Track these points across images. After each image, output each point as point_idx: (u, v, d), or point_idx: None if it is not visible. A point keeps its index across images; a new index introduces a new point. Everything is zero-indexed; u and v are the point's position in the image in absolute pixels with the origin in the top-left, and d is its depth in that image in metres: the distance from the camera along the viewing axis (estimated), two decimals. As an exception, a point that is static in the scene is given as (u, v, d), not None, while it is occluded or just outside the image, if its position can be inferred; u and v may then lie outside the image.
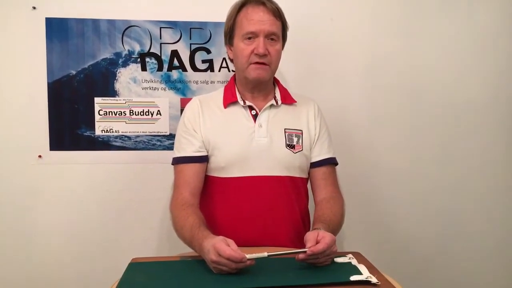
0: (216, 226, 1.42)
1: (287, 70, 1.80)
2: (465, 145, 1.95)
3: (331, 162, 1.51)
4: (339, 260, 1.23)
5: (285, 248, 1.34)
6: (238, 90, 1.50)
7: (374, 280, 1.09)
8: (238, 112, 1.47)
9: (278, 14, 1.43)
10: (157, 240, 1.86)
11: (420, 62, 1.91)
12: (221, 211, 1.44)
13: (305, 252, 1.14)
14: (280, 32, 1.44)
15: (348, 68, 1.89)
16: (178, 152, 1.46)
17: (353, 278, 1.10)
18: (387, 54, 1.89)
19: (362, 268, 1.17)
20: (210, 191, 1.46)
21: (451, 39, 1.91)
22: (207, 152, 1.45)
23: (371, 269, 1.17)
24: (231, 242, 1.15)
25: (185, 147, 1.45)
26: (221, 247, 1.11)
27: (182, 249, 1.38)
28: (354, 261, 1.22)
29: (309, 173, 1.52)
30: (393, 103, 1.91)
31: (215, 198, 1.45)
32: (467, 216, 1.98)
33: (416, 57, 1.90)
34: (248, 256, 1.12)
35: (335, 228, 1.36)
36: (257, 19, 1.40)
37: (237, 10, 1.45)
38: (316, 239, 1.17)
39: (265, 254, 1.14)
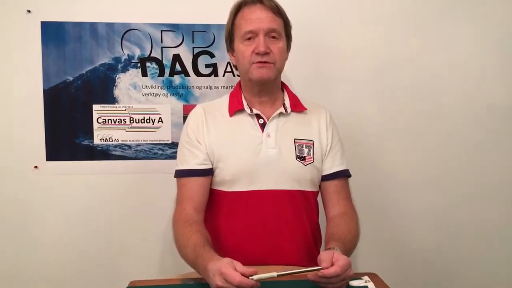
0: (221, 244, 1.33)
1: (293, 74, 1.70)
2: (485, 153, 1.85)
3: (344, 175, 1.42)
4: (354, 283, 1.13)
5: (295, 267, 1.25)
6: (245, 97, 1.41)
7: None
8: (245, 121, 1.38)
9: (277, 11, 1.34)
10: (159, 254, 1.77)
11: (435, 64, 1.81)
12: (226, 227, 1.35)
13: (317, 270, 1.05)
14: (281, 29, 1.36)
15: (359, 71, 1.79)
16: (181, 164, 1.37)
17: None
18: (400, 56, 1.79)
19: None
20: (215, 206, 1.38)
21: (467, 40, 1.81)
22: (212, 165, 1.36)
23: None
24: (237, 264, 1.06)
25: (188, 159, 1.36)
26: (228, 272, 1.02)
27: (186, 266, 1.28)
28: (371, 285, 1.13)
29: (320, 186, 1.43)
30: (407, 108, 1.81)
31: (220, 213, 1.37)
32: (488, 227, 1.88)
33: (430, 59, 1.80)
34: (255, 277, 1.03)
35: (350, 246, 1.26)
36: (255, 17, 1.32)
37: (234, 13, 1.38)
38: (331, 260, 1.08)
39: (275, 274, 1.04)
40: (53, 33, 1.68)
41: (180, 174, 1.36)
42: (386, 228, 1.84)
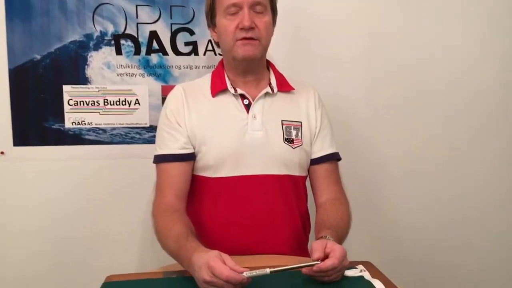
0: (205, 233, 1.24)
1: (278, 52, 1.60)
2: (475, 137, 1.80)
3: (334, 158, 1.34)
4: (349, 273, 1.06)
5: (287, 257, 1.20)
6: (228, 77, 1.31)
7: (395, 301, 0.93)
8: (229, 102, 1.28)
9: None
10: (138, 246, 1.67)
11: (425, 43, 1.74)
12: (210, 215, 1.26)
13: (312, 265, 0.98)
14: (267, 2, 1.26)
15: (347, 50, 1.71)
16: (160, 149, 1.27)
17: None
18: (389, 35, 1.71)
19: (377, 284, 1.01)
20: (198, 193, 1.28)
21: (458, 20, 1.74)
22: (194, 149, 1.26)
23: (387, 284, 1.01)
24: (226, 257, 0.97)
25: (168, 144, 1.26)
26: (216, 266, 0.94)
27: (167, 258, 1.18)
28: (367, 275, 1.06)
29: (308, 171, 1.35)
30: (396, 89, 1.74)
31: (204, 201, 1.27)
32: (483, 215, 1.83)
33: (420, 38, 1.73)
34: (247, 274, 0.95)
35: (343, 234, 1.19)
36: None
37: None
38: (324, 250, 1.01)
39: (267, 270, 0.96)
40: (18, 7, 1.54)
41: (160, 159, 1.26)
42: (377, 214, 1.78)
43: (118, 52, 1.61)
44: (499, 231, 1.84)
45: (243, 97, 1.28)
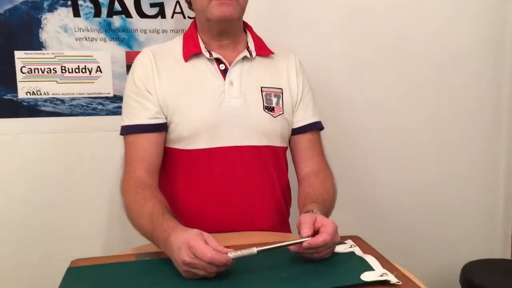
0: (180, 211, 1.14)
1: (251, 14, 1.48)
2: (453, 99, 1.76)
3: (317, 127, 1.25)
4: (339, 249, 0.99)
5: (272, 234, 1.14)
6: (202, 39, 1.19)
7: (393, 279, 0.86)
8: (203, 67, 1.17)
9: None
10: (106, 225, 1.55)
11: (402, 6, 1.67)
12: (186, 191, 1.16)
13: (302, 242, 0.90)
14: None
15: (325, 13, 1.62)
16: (128, 119, 1.15)
17: (365, 277, 0.87)
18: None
19: (370, 260, 0.94)
20: (172, 167, 1.18)
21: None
22: (166, 119, 1.15)
23: (381, 260, 0.94)
24: (208, 236, 0.89)
25: (137, 113, 1.14)
26: (198, 247, 0.84)
27: (138, 239, 1.07)
28: (357, 250, 0.99)
29: (289, 141, 1.26)
30: (375, 52, 1.67)
31: (178, 175, 1.17)
32: (461, 183, 1.81)
33: (398, 2, 1.66)
34: (232, 255, 0.86)
35: (329, 208, 1.12)
36: None
37: None
38: (313, 225, 0.93)
39: (254, 250, 0.88)
40: (-41, -39, 1.36)
41: (128, 130, 1.14)
42: (358, 185, 1.72)
43: (76, 13, 1.46)
44: (474, 193, 1.84)
45: (218, 61, 1.17)
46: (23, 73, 1.45)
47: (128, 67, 1.43)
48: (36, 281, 1.48)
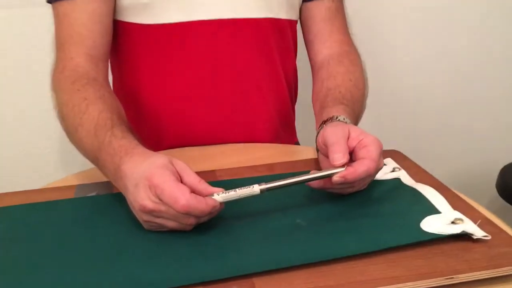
0: (142, 117, 0.81)
1: None
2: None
3: (340, -9, 0.86)
4: (377, 174, 0.66)
5: (279, 148, 0.81)
6: None
7: (476, 230, 0.53)
8: None
9: None
10: (34, 143, 1.20)
11: None
12: (150, 86, 0.81)
13: (331, 175, 0.57)
14: None
15: None
16: (55, -24, 0.75)
17: (429, 226, 0.55)
18: None
19: (429, 193, 0.61)
20: (126, 51, 0.81)
21: None
22: (113, -23, 0.75)
23: (445, 192, 0.62)
24: (183, 168, 0.56)
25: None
26: (166, 188, 0.52)
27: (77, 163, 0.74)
28: (404, 176, 0.67)
29: (300, 12, 0.87)
30: None
31: (137, 63, 0.81)
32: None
33: None
34: (220, 197, 0.54)
35: (360, 110, 0.78)
36: None
37: None
38: (346, 145, 0.59)
39: (256, 188, 0.55)
40: None
41: (57, -5, 0.75)
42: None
43: None
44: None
45: None
46: None
47: None
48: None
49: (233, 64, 0.81)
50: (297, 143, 0.96)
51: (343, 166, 0.57)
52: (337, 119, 0.67)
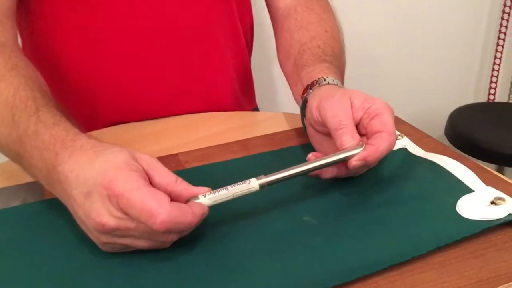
0: (67, 85, 0.63)
1: None
2: None
3: None
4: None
5: (244, 116, 0.68)
6: None
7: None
8: None
9: None
10: None
11: None
12: (76, 46, 0.63)
13: (346, 160, 0.44)
14: None
15: None
16: None
17: (465, 210, 0.44)
18: None
19: (453, 165, 0.50)
20: (44, 9, 0.61)
21: None
22: None
23: (465, 162, 0.51)
24: (152, 164, 0.40)
25: None
26: (135, 197, 0.37)
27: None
28: (409, 144, 0.56)
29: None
30: None
31: (58, 17, 0.61)
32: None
33: None
34: (208, 200, 0.40)
35: (344, 67, 0.64)
36: None
37: None
38: (352, 122, 0.46)
39: (254, 183, 0.41)
40: None
41: None
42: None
43: None
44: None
45: None
46: None
47: None
48: None
49: (185, 16, 0.64)
50: (257, 109, 0.82)
51: (361, 146, 0.44)
52: (326, 82, 0.53)
